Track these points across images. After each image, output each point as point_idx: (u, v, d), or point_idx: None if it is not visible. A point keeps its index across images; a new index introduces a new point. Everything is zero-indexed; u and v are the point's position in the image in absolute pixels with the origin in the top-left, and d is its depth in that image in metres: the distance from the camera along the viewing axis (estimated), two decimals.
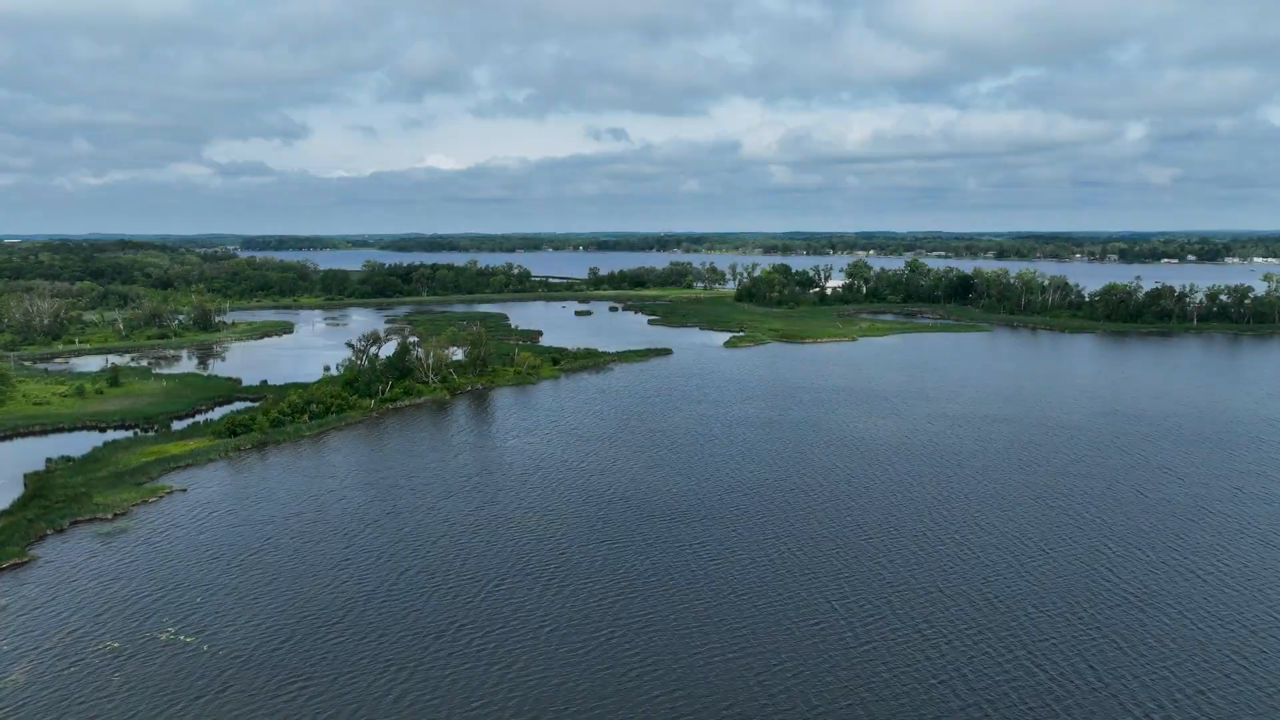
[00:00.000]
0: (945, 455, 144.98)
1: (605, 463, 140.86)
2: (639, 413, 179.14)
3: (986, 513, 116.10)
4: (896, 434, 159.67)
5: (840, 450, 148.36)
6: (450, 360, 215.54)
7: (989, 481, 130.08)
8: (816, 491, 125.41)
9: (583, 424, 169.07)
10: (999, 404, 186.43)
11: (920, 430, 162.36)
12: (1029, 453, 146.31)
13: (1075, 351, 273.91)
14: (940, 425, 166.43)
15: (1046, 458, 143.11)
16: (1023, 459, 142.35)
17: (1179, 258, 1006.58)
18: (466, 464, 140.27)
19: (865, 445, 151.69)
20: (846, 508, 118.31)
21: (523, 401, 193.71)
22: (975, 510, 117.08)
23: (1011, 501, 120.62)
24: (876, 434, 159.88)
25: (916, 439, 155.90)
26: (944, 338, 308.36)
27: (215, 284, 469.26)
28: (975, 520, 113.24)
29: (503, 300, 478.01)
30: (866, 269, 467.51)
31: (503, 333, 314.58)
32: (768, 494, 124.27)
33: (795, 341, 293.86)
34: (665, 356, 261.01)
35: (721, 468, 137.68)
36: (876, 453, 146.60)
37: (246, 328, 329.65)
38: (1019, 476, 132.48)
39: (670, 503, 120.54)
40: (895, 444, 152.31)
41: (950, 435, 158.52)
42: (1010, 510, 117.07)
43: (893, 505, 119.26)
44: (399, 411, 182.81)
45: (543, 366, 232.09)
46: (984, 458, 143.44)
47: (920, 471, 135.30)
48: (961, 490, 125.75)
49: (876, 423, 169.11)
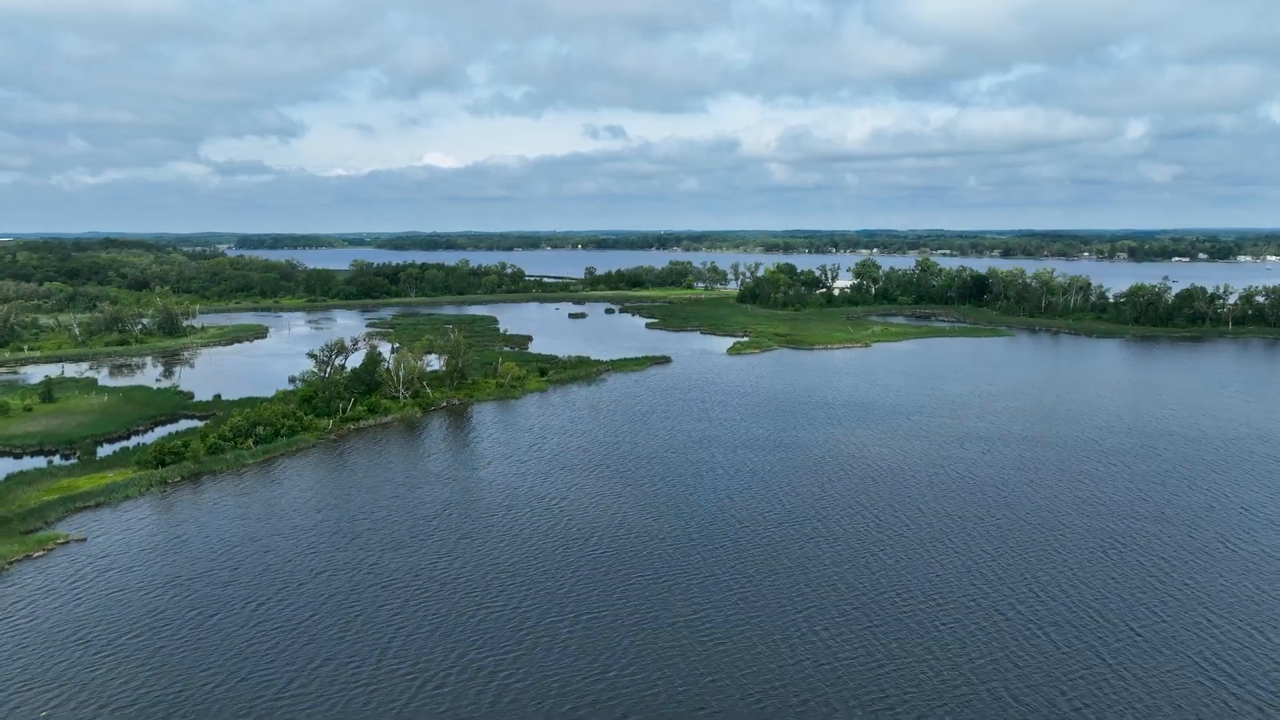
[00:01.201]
0: (985, 490, 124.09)
1: (589, 500, 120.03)
2: (632, 434, 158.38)
3: (1049, 572, 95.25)
4: (926, 461, 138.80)
5: (863, 483, 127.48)
6: (425, 372, 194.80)
7: (1044, 527, 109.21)
8: (840, 542, 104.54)
9: (567, 448, 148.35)
10: (1037, 422, 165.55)
11: (953, 457, 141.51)
12: (1084, 487, 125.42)
13: (1108, 358, 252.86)
14: (974, 450, 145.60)
15: (1105, 494, 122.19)
16: (1078, 496, 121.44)
17: (1190, 256, 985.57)
18: (424, 502, 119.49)
19: (891, 476, 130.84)
20: (878, 567, 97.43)
21: (503, 419, 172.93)
22: (1035, 569, 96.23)
23: (1077, 557, 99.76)
24: (903, 461, 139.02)
25: (950, 468, 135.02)
26: (963, 343, 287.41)
27: (193, 284, 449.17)
28: (1038, 585, 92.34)
29: (494, 301, 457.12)
30: (875, 268, 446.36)
31: (490, 338, 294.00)
32: (781, 547, 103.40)
33: (803, 348, 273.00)
34: (663, 366, 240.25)
35: (725, 507, 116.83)
36: (906, 487, 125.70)
37: (216, 332, 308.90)
38: (1078, 519, 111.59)
39: (663, 556, 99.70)
40: (926, 475, 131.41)
41: (988, 463, 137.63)
42: (1079, 570, 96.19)
43: (934, 561, 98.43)
44: (361, 433, 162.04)
45: (529, 378, 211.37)
46: (1032, 493, 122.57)
47: (960, 512, 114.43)
48: (1014, 538, 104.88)
49: (901, 447, 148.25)
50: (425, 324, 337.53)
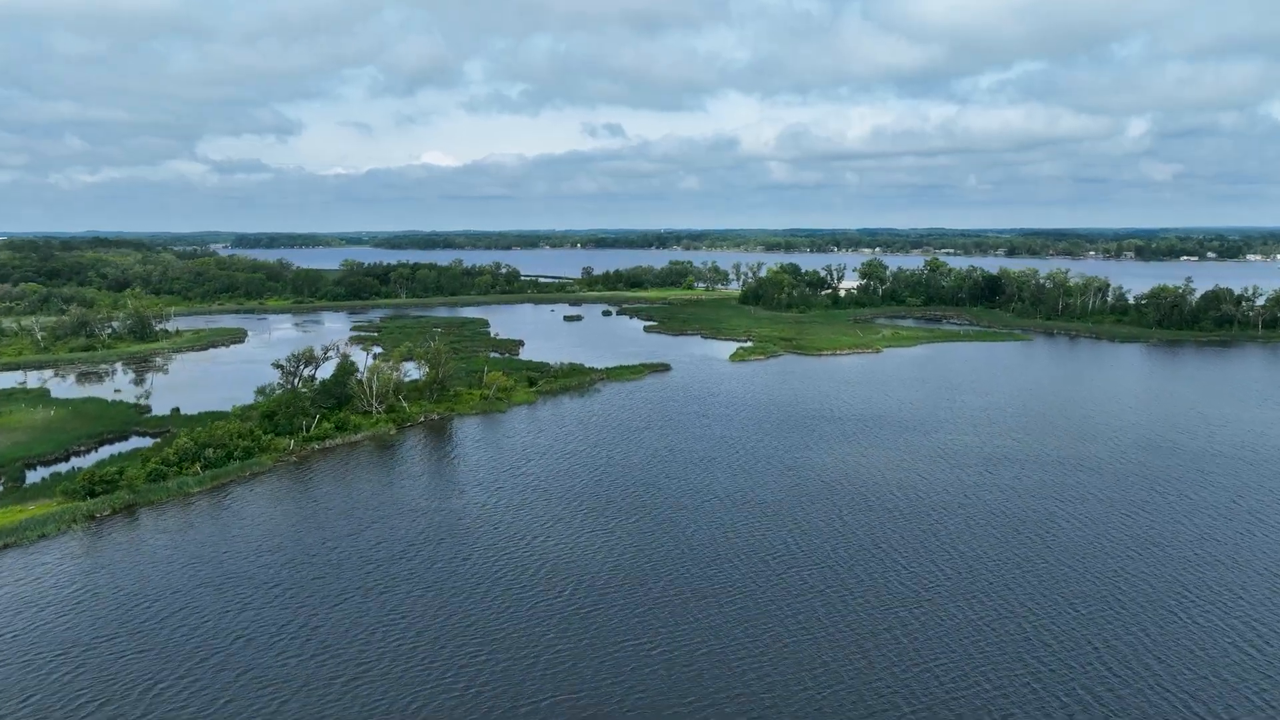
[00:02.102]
0: (1025, 527, 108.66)
1: (572, 538, 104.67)
2: (625, 454, 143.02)
3: (1116, 639, 79.87)
4: (953, 490, 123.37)
5: (885, 518, 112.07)
6: (403, 383, 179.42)
7: (1101, 577, 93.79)
8: (862, 595, 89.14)
9: (553, 472, 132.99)
10: (1071, 441, 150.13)
11: (982, 484, 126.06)
12: (1137, 523, 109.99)
13: (1135, 366, 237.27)
14: (1005, 475, 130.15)
15: (1163, 531, 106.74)
16: (1134, 534, 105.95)
17: (1198, 255, 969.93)
18: (384, 541, 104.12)
19: (916, 509, 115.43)
20: (909, 633, 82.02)
21: (484, 437, 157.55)
22: (1100, 635, 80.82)
23: (1148, 618, 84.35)
24: (927, 490, 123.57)
25: (981, 498, 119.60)
26: (977, 348, 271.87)
27: (176, 285, 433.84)
28: (1108, 659, 76.95)
29: (488, 303, 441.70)
30: (882, 269, 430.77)
31: (479, 342, 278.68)
32: (793, 602, 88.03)
33: (810, 354, 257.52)
34: (662, 374, 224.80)
35: (729, 549, 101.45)
36: (933, 522, 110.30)
37: (191, 336, 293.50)
38: (1141, 565, 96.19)
39: (656, 614, 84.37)
40: (956, 507, 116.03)
41: (1023, 491, 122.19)
42: (1152, 638, 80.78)
43: (976, 623, 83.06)
44: (327, 453, 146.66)
45: (516, 389, 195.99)
46: (1079, 531, 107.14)
47: (998, 556, 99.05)
48: (1067, 592, 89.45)
49: (924, 471, 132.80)
50: (413, 327, 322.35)
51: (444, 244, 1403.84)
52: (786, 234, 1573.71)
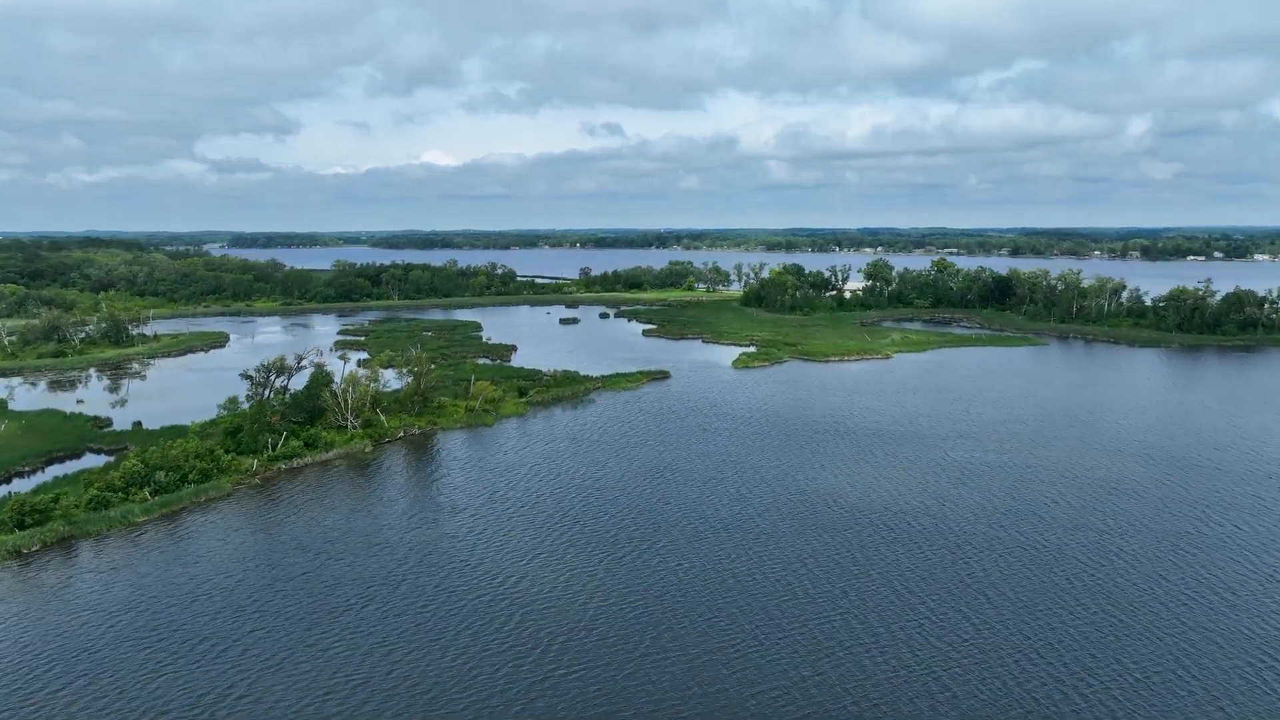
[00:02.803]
0: (1069, 565, 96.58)
1: (552, 580, 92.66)
2: (618, 475, 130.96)
3: (1190, 707, 67.85)
4: (983, 519, 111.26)
5: (909, 555, 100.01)
6: (382, 394, 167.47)
7: (1155, 625, 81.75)
8: (882, 656, 77.09)
9: (537, 496, 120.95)
10: (1104, 459, 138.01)
11: (1015, 511, 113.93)
12: (1191, 560, 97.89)
13: (1160, 373, 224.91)
14: (1038, 499, 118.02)
15: (1220, 570, 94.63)
16: (1196, 574, 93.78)
17: (1205, 255, 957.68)
18: (341, 582, 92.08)
19: (943, 543, 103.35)
20: (945, 701, 69.99)
21: (467, 455, 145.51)
22: (1162, 699, 68.82)
23: (1218, 675, 72.31)
24: (954, 519, 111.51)
25: (1016, 530, 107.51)
26: (991, 354, 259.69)
27: (161, 287, 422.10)
28: None
29: (482, 305, 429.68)
30: (888, 269, 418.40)
31: (470, 348, 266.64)
32: (805, 662, 75.95)
33: (817, 360, 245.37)
34: (661, 382, 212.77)
35: (729, 594, 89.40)
36: (963, 558, 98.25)
37: (170, 341, 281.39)
38: (1206, 614, 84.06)
39: (643, 673, 72.30)
40: (986, 540, 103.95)
41: (1060, 521, 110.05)
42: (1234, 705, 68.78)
43: (1019, 687, 71.00)
44: (295, 474, 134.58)
45: (505, 399, 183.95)
46: (1126, 567, 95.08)
47: (1041, 602, 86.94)
48: (1125, 645, 77.40)
49: (949, 496, 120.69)
50: (403, 330, 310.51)
51: (442, 244, 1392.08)
52: (787, 234, 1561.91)
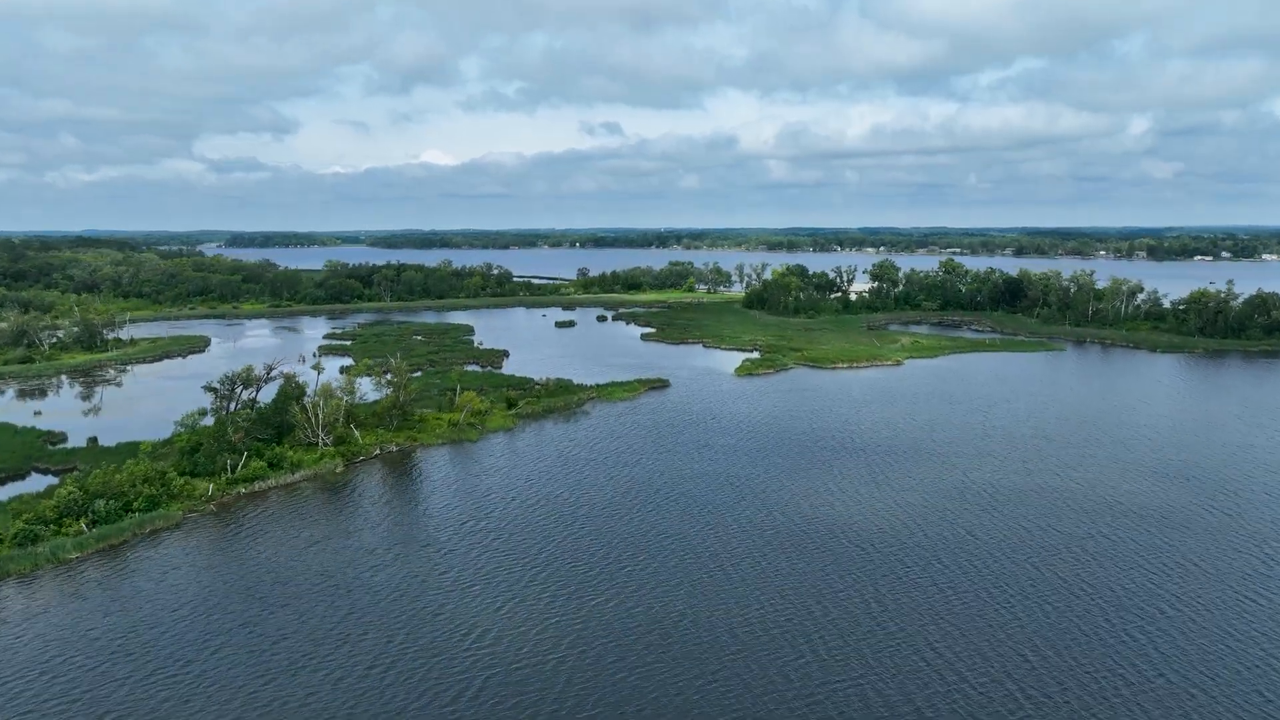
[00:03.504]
0: (1126, 618, 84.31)
1: (525, 633, 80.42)
2: (608, 499, 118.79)
3: None
4: (1017, 555, 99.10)
5: (932, 603, 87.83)
6: (358, 407, 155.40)
7: (1234, 698, 69.66)
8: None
9: (519, 526, 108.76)
10: (1148, 483, 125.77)
11: (1052, 547, 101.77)
12: (1263, 605, 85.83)
13: (1189, 380, 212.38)
14: (1078, 531, 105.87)
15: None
16: (1276, 630, 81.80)
17: (1212, 255, 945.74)
18: (281, 638, 79.87)
19: (972, 585, 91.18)
20: None
21: (446, 476, 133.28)
22: None
23: None
24: (984, 556, 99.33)
25: (1054, 569, 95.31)
26: (1007, 360, 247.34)
27: (146, 288, 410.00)
28: None
29: (477, 307, 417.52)
30: (894, 270, 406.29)
31: (460, 353, 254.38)
32: None
33: (824, 367, 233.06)
34: (659, 391, 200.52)
35: (729, 656, 77.15)
36: (1000, 607, 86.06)
37: (147, 346, 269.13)
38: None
39: None
40: (1023, 584, 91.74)
41: (1108, 560, 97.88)
42: None
43: None
44: (256, 499, 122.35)
45: (493, 411, 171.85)
46: (1193, 617, 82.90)
47: (1098, 670, 74.79)
48: None
49: (976, 526, 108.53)
50: (392, 334, 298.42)
51: (441, 243, 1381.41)
52: (787, 233, 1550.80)
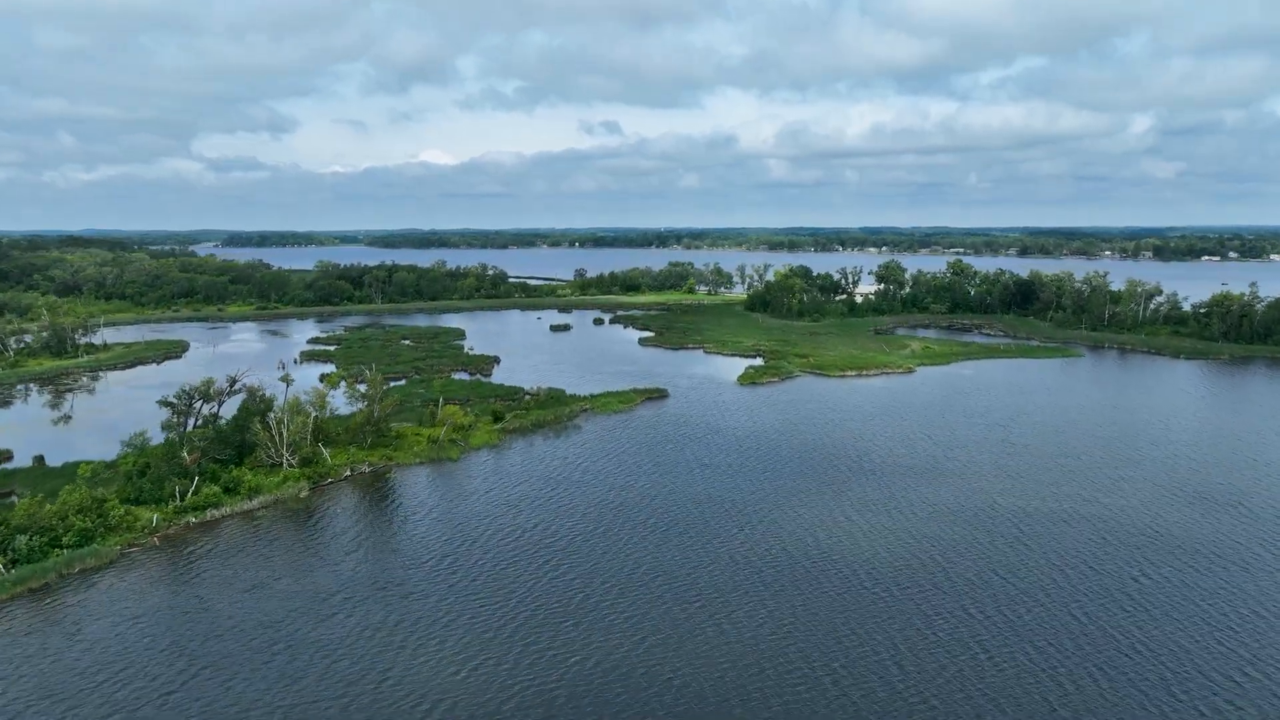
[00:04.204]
0: (1220, 685, 72.10)
1: (489, 707, 68.10)
2: (597, 533, 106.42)
3: None
4: (1060, 601, 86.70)
5: (984, 666, 75.46)
6: (328, 422, 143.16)
7: None
8: None
9: (493, 565, 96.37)
10: (1211, 514, 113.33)
11: (1096, 592, 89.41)
12: None
13: (1219, 389, 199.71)
14: (1125, 572, 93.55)
15: None
16: None
17: (1219, 255, 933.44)
18: (207, 710, 67.54)
19: (1025, 643, 78.74)
20: None
21: (418, 503, 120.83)
22: None
23: None
24: (1021, 602, 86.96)
25: (1103, 620, 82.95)
26: (1023, 367, 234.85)
27: (129, 290, 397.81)
28: None
29: (470, 309, 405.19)
30: (900, 271, 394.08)
31: (448, 360, 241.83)
32: None
33: (832, 375, 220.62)
34: (657, 402, 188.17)
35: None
36: (1062, 676, 73.70)
37: (121, 351, 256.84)
38: None
39: None
40: (1075, 638, 79.39)
41: (1168, 608, 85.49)
42: None
43: None
44: (205, 530, 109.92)
45: (477, 426, 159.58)
46: (1270, 685, 70.77)
47: None
48: None
49: (1009, 565, 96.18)
50: (378, 339, 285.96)
51: (439, 243, 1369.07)
52: (788, 233, 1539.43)
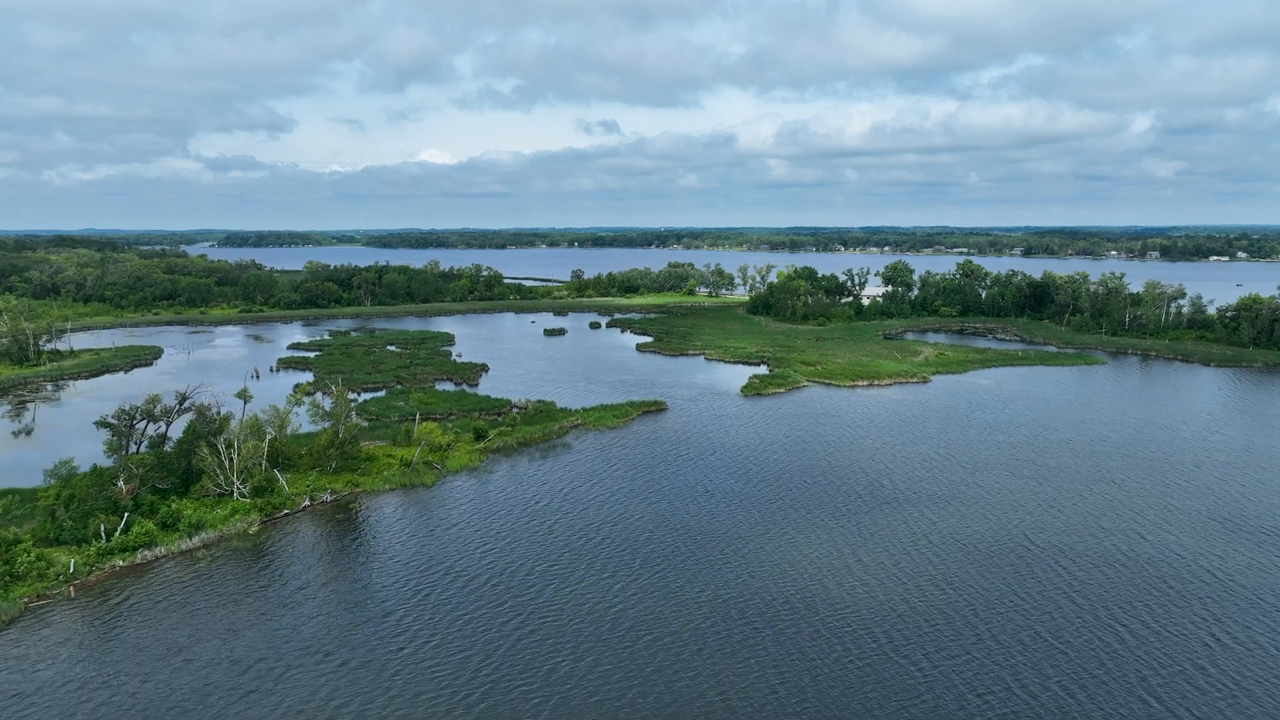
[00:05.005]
0: None
1: None
2: (582, 579, 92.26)
3: None
4: (1155, 695, 72.55)
5: None
6: (287, 442, 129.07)
7: None
8: None
9: (454, 619, 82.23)
10: (1270, 549, 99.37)
11: (1168, 657, 75.20)
12: None
13: (1259, 400, 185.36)
14: (1211, 640, 79.39)
15: None
16: None
17: (1228, 255, 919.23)
18: None
19: None
20: None
21: (383, 542, 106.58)
22: None
23: None
24: (1089, 687, 72.83)
25: (1181, 687, 68.77)
26: (1044, 375, 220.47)
27: (109, 292, 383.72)
28: None
29: (463, 311, 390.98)
30: (908, 272, 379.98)
31: (433, 368, 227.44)
32: None
33: (842, 385, 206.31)
34: (655, 416, 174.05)
35: None
36: None
37: (88, 358, 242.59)
38: None
39: None
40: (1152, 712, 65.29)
41: (1262, 675, 71.33)
42: None
43: None
44: (137, 574, 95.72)
45: (457, 446, 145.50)
46: None
47: None
48: None
49: (1063, 624, 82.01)
50: (363, 344, 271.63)
51: (437, 243, 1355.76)
52: (789, 232, 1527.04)
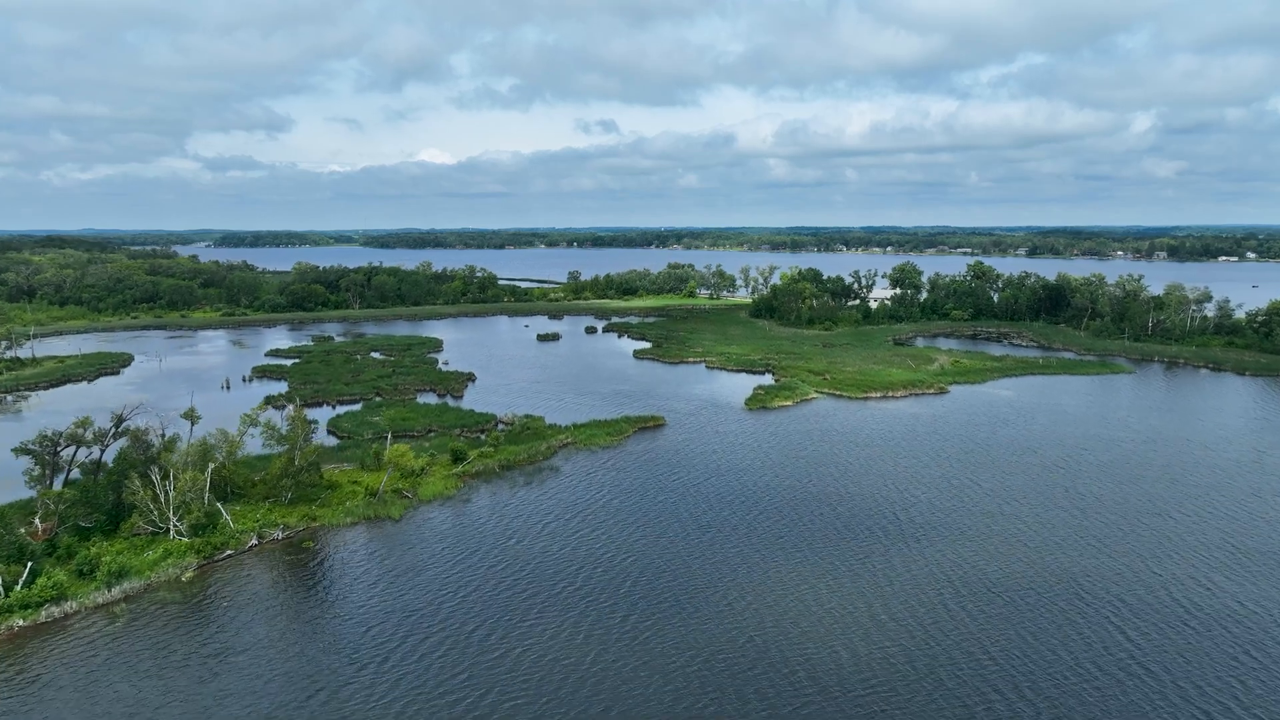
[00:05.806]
0: None
1: None
2: (559, 644, 78.25)
3: None
4: None
5: None
6: (236, 470, 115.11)
7: None
8: None
9: (404, 692, 68.23)
10: None
11: None
12: None
13: None
14: None
15: None
16: None
17: (1237, 255, 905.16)
18: None
19: None
20: None
21: (339, 589, 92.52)
22: None
23: None
24: None
25: None
26: (1067, 385, 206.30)
27: (86, 294, 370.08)
28: None
29: (455, 314, 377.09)
30: (916, 274, 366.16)
31: (416, 378, 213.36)
32: None
33: (854, 396, 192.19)
34: (652, 433, 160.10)
35: None
36: None
37: (52, 366, 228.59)
38: None
39: None
40: None
41: None
42: None
43: None
44: (38, 637, 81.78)
45: (432, 470, 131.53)
46: None
47: None
48: None
49: (1132, 700, 68.04)
50: (345, 351, 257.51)
51: (435, 243, 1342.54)
52: (789, 232, 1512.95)
